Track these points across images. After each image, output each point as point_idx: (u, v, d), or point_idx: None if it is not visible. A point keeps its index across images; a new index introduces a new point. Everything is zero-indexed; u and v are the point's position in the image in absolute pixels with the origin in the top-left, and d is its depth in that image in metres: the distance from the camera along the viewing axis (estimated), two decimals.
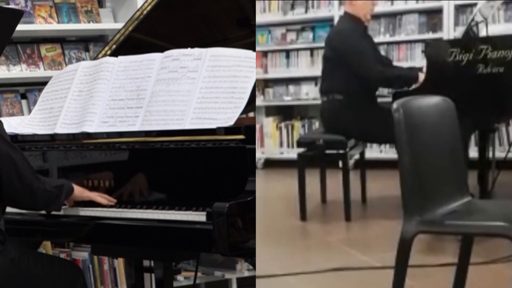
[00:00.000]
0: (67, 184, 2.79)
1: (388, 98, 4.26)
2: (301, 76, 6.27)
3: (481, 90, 3.72)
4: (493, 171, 4.21)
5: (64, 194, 2.76)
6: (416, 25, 5.79)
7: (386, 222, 4.11)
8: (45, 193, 2.71)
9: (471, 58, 3.69)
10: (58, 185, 2.76)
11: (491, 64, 3.67)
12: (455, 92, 3.21)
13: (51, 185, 2.74)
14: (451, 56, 3.73)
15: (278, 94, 6.38)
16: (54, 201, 2.75)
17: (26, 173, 2.65)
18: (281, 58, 6.34)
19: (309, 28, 6.26)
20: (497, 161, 4.32)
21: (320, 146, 4.15)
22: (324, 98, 4.30)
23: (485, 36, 4.11)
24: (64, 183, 2.79)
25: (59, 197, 2.75)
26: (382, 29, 5.92)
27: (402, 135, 2.31)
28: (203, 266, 4.50)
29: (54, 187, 2.74)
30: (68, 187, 2.79)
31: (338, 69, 4.22)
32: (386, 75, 4.12)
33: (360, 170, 4.65)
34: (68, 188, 2.78)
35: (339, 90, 4.21)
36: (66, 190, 2.77)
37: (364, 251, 3.57)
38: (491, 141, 4.23)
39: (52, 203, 2.75)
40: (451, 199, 2.43)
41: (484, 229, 2.23)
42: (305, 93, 6.27)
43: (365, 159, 4.71)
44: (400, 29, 5.85)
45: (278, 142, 6.26)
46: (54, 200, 2.74)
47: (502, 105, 3.75)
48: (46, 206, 2.78)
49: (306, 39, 6.25)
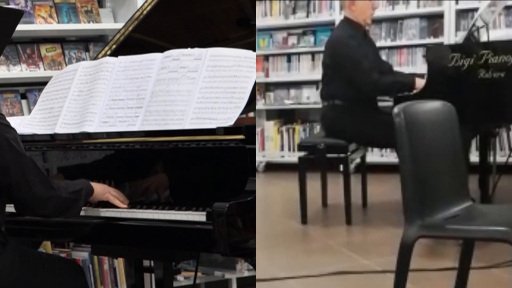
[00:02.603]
0: (86, 187, 2.71)
1: (389, 102, 4.27)
2: (302, 80, 6.28)
3: (482, 95, 3.72)
4: (494, 176, 4.21)
5: (82, 198, 2.68)
6: (417, 30, 5.80)
7: (387, 226, 4.11)
8: (60, 201, 2.63)
9: (472, 63, 3.70)
10: (76, 189, 2.68)
11: (492, 69, 3.68)
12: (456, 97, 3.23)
13: (68, 191, 2.65)
14: (452, 61, 3.73)
15: (279, 97, 6.38)
16: (70, 207, 2.67)
17: (37, 182, 2.58)
18: (283, 62, 6.35)
19: (310, 32, 6.27)
20: (498, 165, 4.32)
21: (321, 150, 4.16)
22: (324, 103, 4.31)
23: (486, 41, 4.12)
24: (83, 185, 2.71)
25: (77, 202, 2.67)
26: (383, 33, 5.93)
27: (403, 140, 2.32)
28: (203, 266, 4.51)
29: (72, 193, 2.66)
30: (88, 189, 2.71)
31: (337, 75, 4.22)
32: (381, 83, 4.11)
33: (361, 174, 4.65)
34: (87, 191, 2.71)
35: (339, 96, 4.22)
36: (86, 193, 2.70)
37: (365, 255, 3.57)
38: (492, 145, 4.23)
39: (68, 210, 2.67)
40: (452, 203, 2.43)
41: (485, 234, 2.23)
42: (306, 97, 6.27)
43: (366, 163, 4.71)
44: (401, 34, 5.86)
45: (279, 146, 6.26)
46: (71, 206, 2.66)
47: (503, 110, 3.76)
48: (61, 214, 2.69)
49: (308, 43, 6.26)
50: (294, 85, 6.33)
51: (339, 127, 4.21)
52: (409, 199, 2.31)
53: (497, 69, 3.67)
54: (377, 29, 5.92)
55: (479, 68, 3.70)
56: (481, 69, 3.70)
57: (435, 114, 2.48)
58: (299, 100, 6.30)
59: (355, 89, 4.16)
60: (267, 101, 6.40)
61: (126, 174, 2.82)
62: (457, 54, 3.73)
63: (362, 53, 4.17)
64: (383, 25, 5.93)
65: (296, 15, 6.26)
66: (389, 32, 5.91)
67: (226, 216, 2.39)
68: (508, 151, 5.15)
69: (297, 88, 6.32)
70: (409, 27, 5.83)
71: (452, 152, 2.50)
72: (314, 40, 6.24)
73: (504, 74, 3.67)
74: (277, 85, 6.40)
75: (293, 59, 6.32)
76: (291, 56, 6.33)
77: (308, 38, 6.27)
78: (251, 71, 2.67)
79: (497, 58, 3.66)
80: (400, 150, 2.32)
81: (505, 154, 5.08)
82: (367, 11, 4.27)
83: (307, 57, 6.26)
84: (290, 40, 6.33)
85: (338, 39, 4.28)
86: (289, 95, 6.35)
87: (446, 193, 2.43)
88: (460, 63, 3.72)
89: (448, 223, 2.31)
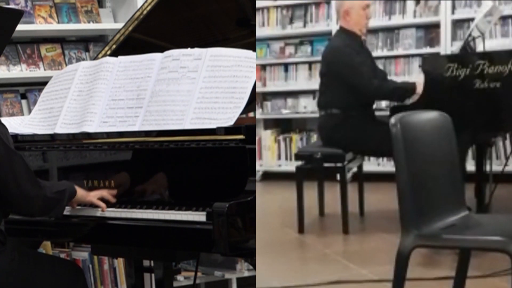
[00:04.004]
0: (70, 188, 2.75)
1: (385, 111, 4.28)
2: (299, 90, 6.30)
3: (478, 105, 3.74)
4: (490, 185, 4.22)
5: (66, 199, 2.72)
6: (413, 40, 5.82)
7: (384, 235, 4.12)
8: (45, 200, 2.66)
9: (468, 73, 3.71)
10: (60, 190, 2.71)
11: (488, 79, 3.69)
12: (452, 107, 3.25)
13: (52, 191, 2.69)
14: (448, 71, 3.75)
15: (276, 107, 6.40)
16: (54, 207, 2.70)
17: (24, 180, 2.60)
18: (280, 71, 6.37)
19: (307, 42, 6.29)
20: (494, 174, 4.33)
21: (318, 159, 4.17)
22: (322, 112, 4.32)
23: (482, 51, 4.14)
24: (67, 186, 2.74)
25: (60, 202, 2.70)
26: (379, 43, 5.95)
27: (400, 150, 2.33)
28: (203, 266, 4.50)
29: (56, 193, 2.69)
30: (71, 190, 2.74)
31: (334, 84, 4.24)
32: (383, 88, 4.14)
33: (358, 183, 4.66)
34: (70, 192, 2.74)
35: (336, 105, 4.23)
36: (69, 194, 2.73)
37: (361, 264, 3.58)
38: (488, 154, 4.25)
39: (52, 209, 2.71)
40: (448, 213, 2.44)
41: (482, 244, 2.24)
42: (303, 106, 6.29)
43: (363, 172, 4.72)
44: (398, 44, 5.88)
45: (276, 155, 6.27)
46: (54, 206, 2.70)
47: (499, 120, 3.77)
48: (45, 213, 2.74)
49: (305, 53, 6.28)
50: (291, 95, 6.35)
51: (336, 136, 4.22)
52: (406, 209, 2.32)
53: (493, 79, 3.69)
54: (374, 39, 5.94)
55: (475, 78, 3.71)
56: (477, 79, 3.71)
57: (431, 124, 2.49)
58: (296, 109, 6.32)
59: (354, 96, 4.17)
60: (265, 110, 6.41)
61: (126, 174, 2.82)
62: (453, 64, 3.75)
63: (359, 60, 4.20)
64: (380, 35, 5.96)
65: (293, 25, 6.29)
66: (386, 42, 5.93)
67: (226, 216, 2.40)
68: (504, 160, 5.16)
69: (294, 98, 6.34)
70: (406, 37, 5.85)
71: (448, 161, 2.51)
72: (311, 50, 6.26)
73: (500, 84, 3.68)
74: (274, 95, 6.41)
75: (290, 68, 6.34)
76: (288, 66, 6.35)
77: (305, 48, 6.29)
78: (251, 71, 2.68)
79: (493, 68, 3.68)
80: (396, 159, 2.34)
81: (501, 163, 5.09)
82: (361, 20, 4.30)
83: (304, 67, 6.28)
84: (287, 50, 6.35)
85: (336, 48, 4.30)
86: (286, 104, 6.37)
87: (442, 202, 2.44)
88: (456, 73, 3.73)
89: (444, 232, 2.32)
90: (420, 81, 3.96)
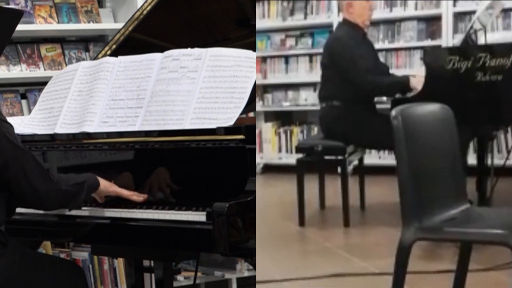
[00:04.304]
0: (90, 179, 2.70)
1: (387, 104, 4.27)
2: (300, 82, 6.29)
3: (479, 98, 3.73)
4: (492, 178, 4.22)
5: (85, 191, 2.67)
6: (415, 32, 5.81)
7: (385, 228, 4.11)
8: (58, 193, 2.62)
9: (469, 65, 3.70)
10: (78, 182, 2.66)
11: (490, 72, 3.68)
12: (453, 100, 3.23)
13: (69, 183, 2.64)
14: (449, 63, 3.74)
15: (277, 99, 6.39)
16: (71, 200, 2.65)
17: (35, 175, 2.58)
18: (280, 63, 6.36)
19: (308, 34, 6.28)
20: (496, 168, 4.32)
21: (319, 152, 4.16)
22: (322, 104, 4.32)
23: (483, 44, 4.13)
24: (87, 178, 2.69)
25: (79, 194, 2.65)
26: (381, 35, 5.94)
27: (401, 142, 2.32)
28: (203, 266, 4.51)
29: (73, 185, 2.65)
30: (91, 182, 2.69)
31: (336, 76, 4.23)
32: (377, 84, 4.12)
33: (358, 176, 4.65)
34: (90, 184, 2.69)
35: (337, 97, 4.23)
36: (89, 185, 2.68)
37: (362, 257, 3.58)
38: (490, 148, 4.24)
39: (69, 202, 2.66)
40: (449, 206, 2.44)
41: (483, 237, 2.24)
42: (304, 99, 6.28)
43: (364, 165, 4.72)
44: (399, 36, 5.87)
45: (277, 148, 6.27)
46: (72, 199, 2.65)
47: (501, 113, 3.76)
48: (61, 206, 2.69)
49: (305, 45, 6.26)
50: (292, 87, 6.34)
51: (337, 128, 4.21)
52: (407, 202, 2.31)
53: (494, 72, 3.68)
54: (375, 31, 5.92)
55: (476, 70, 3.70)
56: (478, 72, 3.70)
57: (432, 116, 2.48)
58: (297, 102, 6.31)
59: (355, 89, 4.16)
60: (265, 103, 6.40)
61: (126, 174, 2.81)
62: (454, 56, 3.74)
63: (360, 53, 4.18)
64: (381, 27, 5.94)
65: (294, 17, 6.27)
66: (387, 34, 5.92)
67: (226, 216, 2.39)
68: (505, 154, 5.15)
69: (295, 90, 6.33)
70: (407, 29, 5.84)
71: (449, 154, 2.50)
72: (312, 42, 6.25)
73: (502, 76, 3.67)
74: (275, 87, 6.41)
75: (291, 61, 6.33)
76: (289, 58, 6.34)
77: (306, 40, 6.27)
78: (251, 71, 2.68)
79: (495, 61, 3.67)
80: (397, 152, 2.33)
81: (502, 157, 5.09)
82: (364, 12, 4.29)
83: (304, 59, 6.27)
84: (288, 42, 6.34)
85: (337, 39, 4.30)
86: (287, 97, 6.36)
87: (444, 195, 2.43)
88: (458, 66, 3.72)
89: (446, 225, 2.31)
90: (420, 74, 3.95)
